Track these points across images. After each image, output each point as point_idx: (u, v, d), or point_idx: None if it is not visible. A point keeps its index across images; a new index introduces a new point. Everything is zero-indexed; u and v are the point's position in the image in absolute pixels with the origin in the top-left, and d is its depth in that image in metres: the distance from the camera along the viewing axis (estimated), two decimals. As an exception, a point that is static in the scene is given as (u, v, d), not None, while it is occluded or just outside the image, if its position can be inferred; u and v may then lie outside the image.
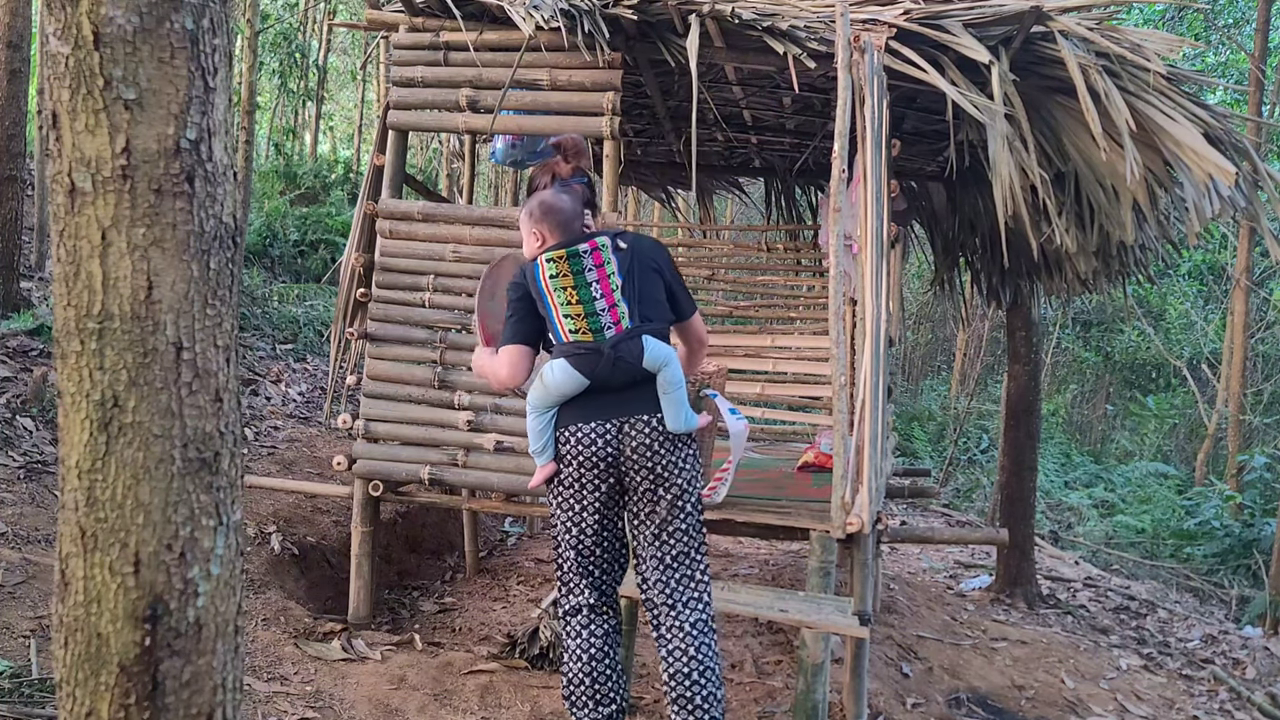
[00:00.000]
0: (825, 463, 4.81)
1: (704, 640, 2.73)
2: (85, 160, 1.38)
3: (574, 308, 2.72)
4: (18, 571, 3.66)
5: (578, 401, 2.74)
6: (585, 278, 2.72)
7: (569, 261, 2.73)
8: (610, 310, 2.72)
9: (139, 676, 1.42)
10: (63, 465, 1.45)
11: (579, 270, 2.72)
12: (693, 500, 2.79)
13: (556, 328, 2.75)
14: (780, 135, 5.97)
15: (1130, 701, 4.68)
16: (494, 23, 4.07)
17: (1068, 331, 15.05)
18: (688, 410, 2.74)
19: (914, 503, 9.21)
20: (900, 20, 3.60)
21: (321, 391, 7.37)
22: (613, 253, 2.76)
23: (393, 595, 5.08)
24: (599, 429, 2.71)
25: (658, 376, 2.71)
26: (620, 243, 2.80)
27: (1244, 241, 8.80)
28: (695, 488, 2.80)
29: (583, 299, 2.71)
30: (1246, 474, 9.03)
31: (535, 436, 2.80)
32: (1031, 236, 3.78)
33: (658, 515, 2.75)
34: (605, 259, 2.74)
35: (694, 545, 2.79)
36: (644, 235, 3.00)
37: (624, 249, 2.78)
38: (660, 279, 2.84)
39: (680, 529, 2.76)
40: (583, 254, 2.73)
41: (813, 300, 6.55)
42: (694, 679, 2.70)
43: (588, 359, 2.70)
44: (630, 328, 2.72)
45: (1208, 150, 3.42)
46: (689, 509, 2.78)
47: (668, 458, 2.72)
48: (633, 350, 2.69)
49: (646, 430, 2.70)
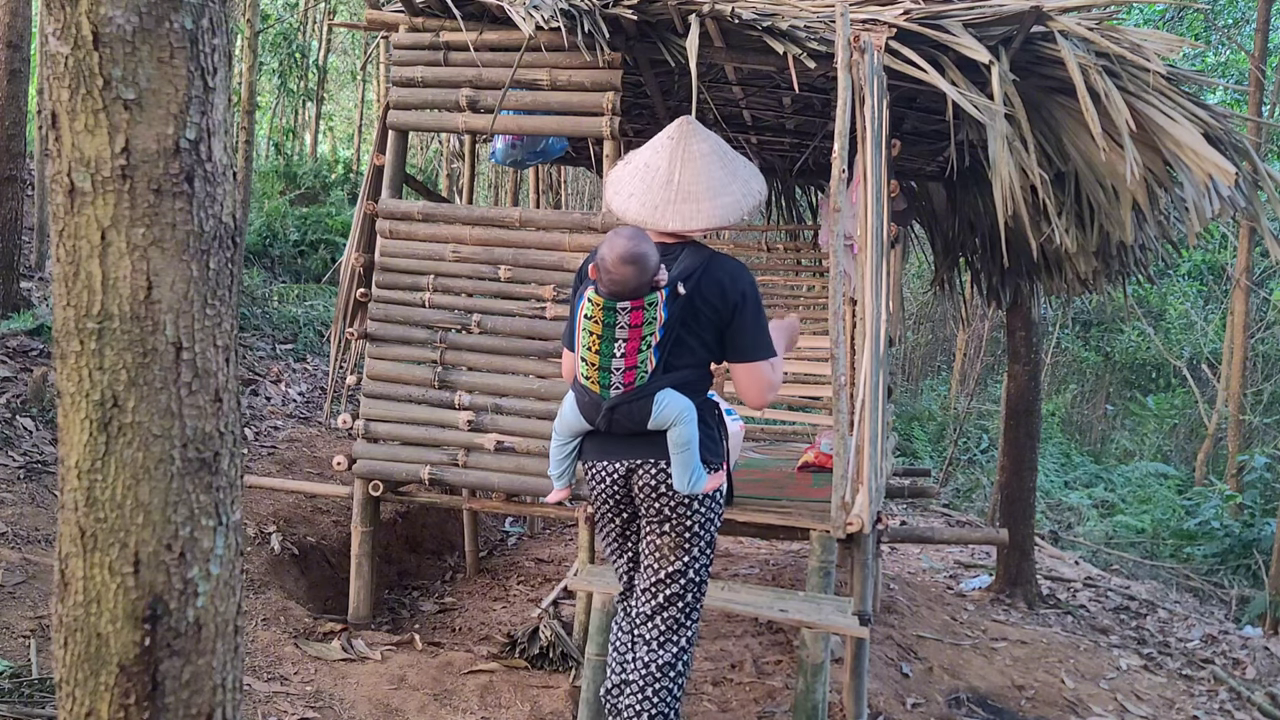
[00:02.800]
0: (825, 463, 4.81)
1: (664, 684, 2.67)
2: (85, 160, 1.38)
3: (592, 355, 2.59)
4: (18, 571, 3.66)
5: (593, 437, 2.69)
6: (614, 332, 2.55)
7: (604, 312, 2.55)
8: (626, 372, 2.56)
9: (139, 676, 1.42)
10: (62, 465, 1.45)
11: (610, 324, 2.55)
12: (699, 544, 2.66)
13: (576, 360, 2.66)
14: (780, 135, 5.97)
15: (1130, 701, 4.68)
16: (494, 23, 4.07)
17: (1068, 331, 15.05)
18: (697, 472, 2.57)
19: (914, 503, 9.21)
20: (900, 20, 3.60)
21: (321, 391, 7.37)
22: (663, 306, 2.54)
23: (393, 595, 5.08)
24: (608, 468, 2.66)
25: (668, 433, 2.57)
26: (682, 289, 2.56)
27: (1244, 241, 8.79)
28: (706, 532, 2.68)
29: (602, 352, 2.57)
30: (1246, 474, 9.03)
31: (553, 462, 2.78)
32: (1031, 236, 3.78)
33: (661, 549, 2.67)
34: (647, 317, 2.54)
35: (690, 588, 2.69)
36: (730, 265, 2.62)
37: (682, 296, 2.56)
38: (710, 319, 2.58)
39: (679, 570, 2.66)
40: (620, 311, 2.54)
41: (813, 300, 6.55)
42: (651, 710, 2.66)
43: (590, 407, 2.64)
44: (643, 386, 2.56)
45: (1208, 150, 3.42)
46: (695, 553, 2.66)
47: (677, 500, 2.61)
48: (634, 412, 2.56)
49: (654, 473, 2.60)
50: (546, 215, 4.18)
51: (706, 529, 2.67)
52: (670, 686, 2.67)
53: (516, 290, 4.10)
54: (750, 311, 2.59)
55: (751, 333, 2.59)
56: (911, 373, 15.93)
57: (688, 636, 2.71)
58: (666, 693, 2.66)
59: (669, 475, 2.57)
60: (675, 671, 2.69)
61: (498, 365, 4.11)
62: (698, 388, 2.63)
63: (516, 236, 4.11)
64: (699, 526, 2.64)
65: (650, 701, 2.66)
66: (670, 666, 2.68)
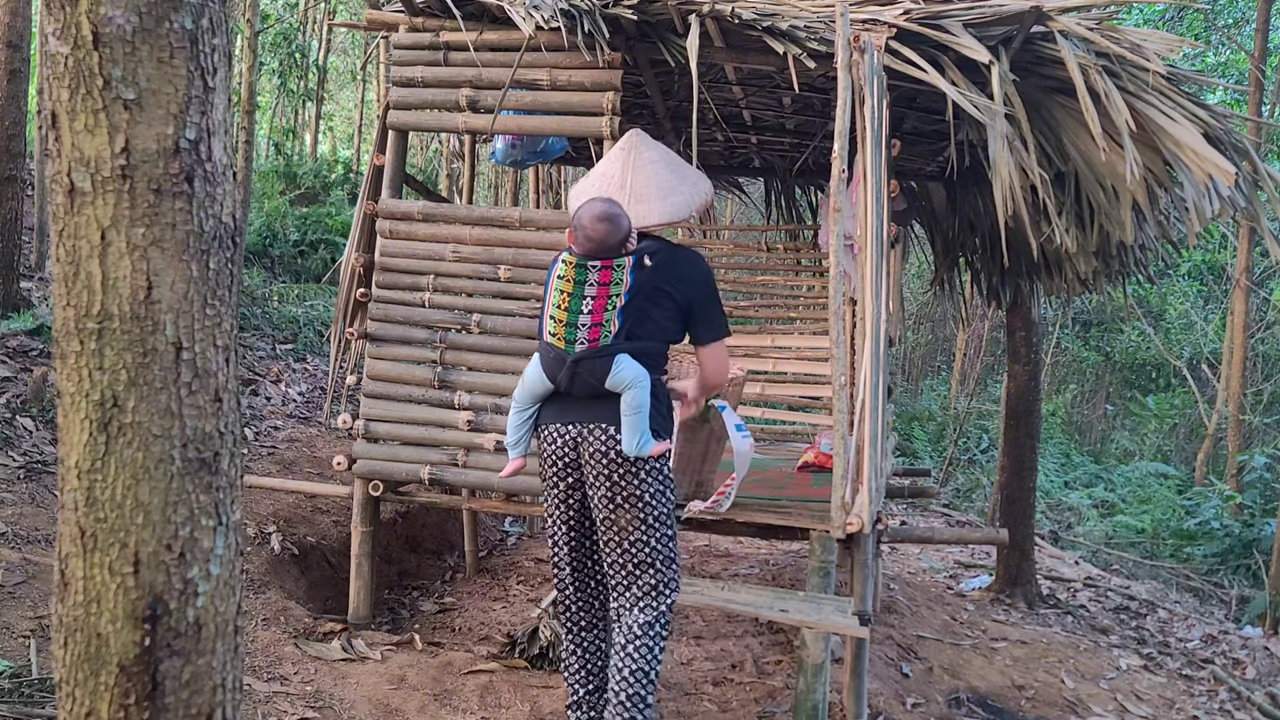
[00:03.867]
0: (825, 463, 4.81)
1: (645, 641, 2.75)
2: (84, 160, 1.38)
3: (561, 312, 2.79)
4: (18, 571, 3.66)
5: (550, 401, 2.86)
6: (584, 289, 2.76)
7: (576, 270, 2.78)
8: (591, 328, 2.75)
9: (139, 676, 1.42)
10: (62, 465, 1.45)
11: (582, 280, 2.77)
12: (655, 513, 2.78)
13: (542, 323, 2.85)
14: (780, 135, 5.97)
15: (1130, 701, 4.68)
16: (494, 23, 4.07)
17: (1068, 331, 15.05)
18: (645, 436, 2.73)
19: (914, 503, 9.21)
20: (900, 20, 3.60)
21: (321, 391, 7.37)
22: (630, 271, 2.75)
23: (393, 595, 5.08)
24: (561, 429, 2.82)
25: (622, 396, 2.73)
26: (648, 260, 2.78)
27: (1244, 241, 8.79)
28: (659, 500, 2.79)
29: (571, 308, 2.77)
30: (1246, 474, 9.03)
31: (510, 429, 2.96)
32: (1031, 236, 3.78)
33: (618, 523, 2.78)
34: (615, 279, 2.75)
35: (658, 555, 2.80)
36: (686, 254, 2.90)
37: (647, 267, 2.77)
38: (672, 300, 2.80)
39: (641, 539, 2.77)
40: (590, 268, 2.76)
41: (813, 300, 6.55)
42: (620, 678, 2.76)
43: (554, 363, 2.80)
44: (607, 345, 2.74)
45: (1208, 150, 3.42)
46: (651, 520, 2.77)
47: (625, 468, 2.74)
48: (596, 369, 2.74)
49: (604, 439, 2.75)
50: (546, 215, 4.18)
51: (659, 499, 2.79)
52: (650, 644, 2.76)
53: (516, 290, 4.10)
54: (711, 295, 2.87)
55: (715, 314, 2.87)
56: (911, 373, 15.92)
57: (667, 603, 2.82)
58: (646, 649, 2.75)
59: (618, 441, 2.73)
60: (655, 631, 2.77)
61: (498, 365, 4.11)
62: (655, 362, 2.82)
63: (516, 236, 4.11)
64: (650, 496, 2.77)
65: (631, 658, 2.73)
66: (650, 626, 2.77)
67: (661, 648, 2.80)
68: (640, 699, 2.73)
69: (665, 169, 3.01)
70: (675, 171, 3.03)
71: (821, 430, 5.39)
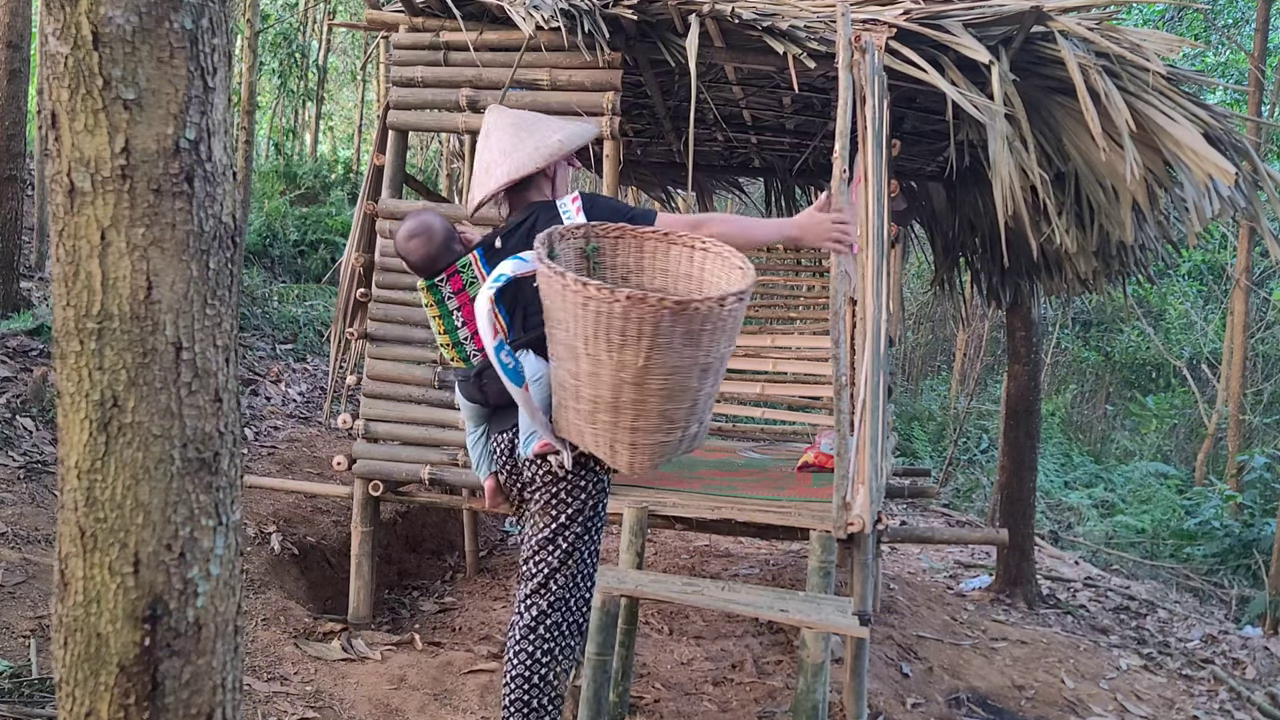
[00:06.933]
0: (825, 463, 4.81)
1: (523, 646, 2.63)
2: (84, 160, 1.38)
3: (443, 336, 2.67)
4: (18, 571, 3.66)
5: (491, 415, 2.75)
6: (447, 306, 2.64)
7: (430, 292, 2.64)
8: (474, 337, 2.58)
9: (138, 676, 1.42)
10: (62, 465, 1.45)
11: (440, 300, 2.64)
12: (568, 514, 2.60)
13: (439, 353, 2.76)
14: (780, 135, 5.97)
15: (1130, 701, 4.68)
16: (494, 23, 4.07)
17: (1068, 331, 15.04)
18: (531, 434, 2.55)
19: (914, 503, 9.20)
20: (900, 20, 3.60)
21: (321, 391, 7.37)
22: (482, 264, 2.58)
23: (393, 595, 5.08)
24: (498, 439, 2.74)
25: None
26: (499, 242, 2.60)
27: (1244, 241, 8.79)
28: (575, 499, 2.60)
29: (448, 328, 2.65)
30: (1246, 474, 9.03)
31: (470, 455, 2.86)
32: (1031, 236, 3.78)
33: (533, 514, 2.68)
34: (466, 279, 2.60)
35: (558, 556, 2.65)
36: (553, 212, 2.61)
37: (498, 249, 2.58)
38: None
39: (547, 539, 2.64)
40: (439, 284, 2.63)
41: (813, 300, 6.55)
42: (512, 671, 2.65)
43: (465, 383, 2.69)
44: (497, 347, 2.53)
45: (1208, 150, 3.42)
46: (564, 520, 2.61)
47: (531, 470, 2.61)
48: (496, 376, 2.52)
49: (510, 441, 2.68)
50: (546, 215, 4.17)
51: (575, 496, 2.60)
52: (530, 650, 2.62)
53: (516, 290, 4.09)
54: (602, 203, 2.66)
55: (626, 209, 2.64)
56: (911, 373, 15.91)
57: (549, 601, 2.65)
58: (526, 655, 2.62)
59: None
60: (536, 635, 2.63)
61: (498, 365, 4.11)
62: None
63: (516, 236, 4.11)
64: (565, 494, 2.59)
65: (511, 662, 2.64)
66: (530, 629, 2.64)
67: (546, 653, 2.65)
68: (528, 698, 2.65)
69: (509, 133, 2.72)
70: (521, 130, 2.74)
71: (821, 430, 5.39)
